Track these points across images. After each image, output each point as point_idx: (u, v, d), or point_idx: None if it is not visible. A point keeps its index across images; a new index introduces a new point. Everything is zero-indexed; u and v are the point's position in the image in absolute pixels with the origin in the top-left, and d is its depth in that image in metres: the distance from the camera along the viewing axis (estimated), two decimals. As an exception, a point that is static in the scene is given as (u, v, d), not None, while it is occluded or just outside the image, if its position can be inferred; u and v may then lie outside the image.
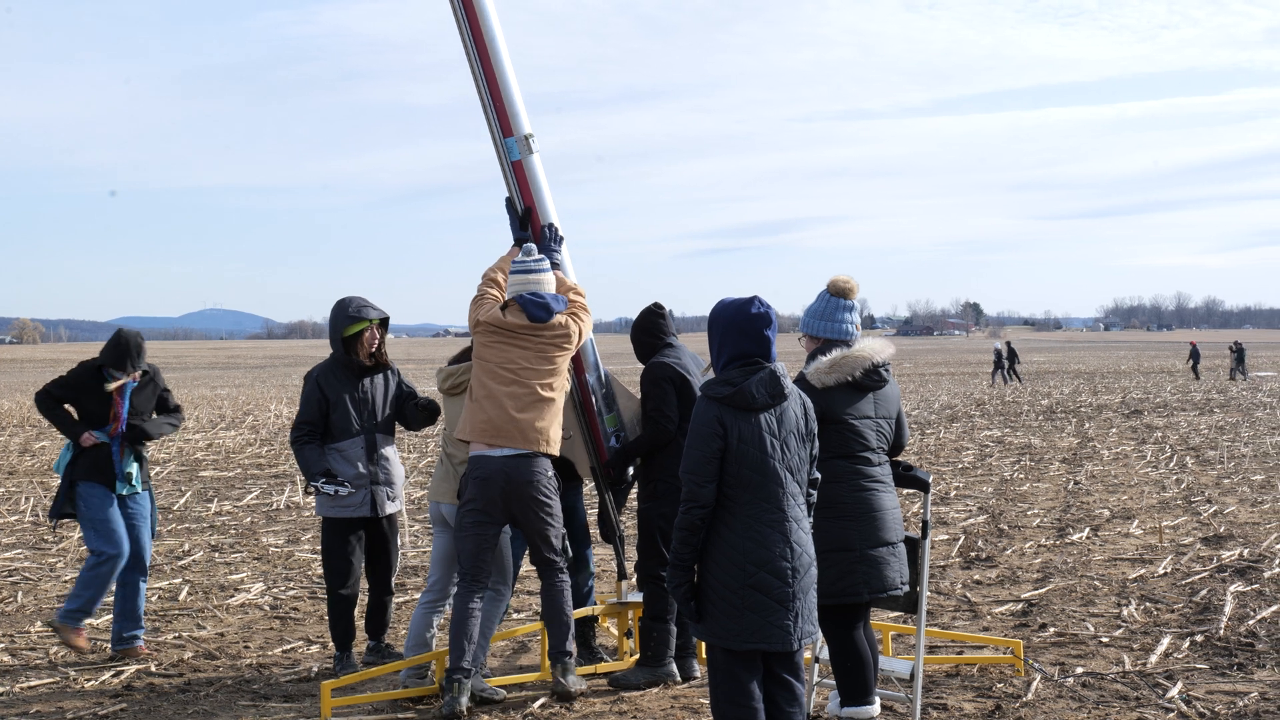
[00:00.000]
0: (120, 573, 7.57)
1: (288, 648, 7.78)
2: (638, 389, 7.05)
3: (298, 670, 7.24)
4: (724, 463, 4.81)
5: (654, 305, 7.18)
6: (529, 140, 6.86)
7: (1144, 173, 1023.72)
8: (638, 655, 6.93)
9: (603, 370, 7.11)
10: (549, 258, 6.75)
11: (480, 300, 6.63)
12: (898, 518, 5.82)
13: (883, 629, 7.16)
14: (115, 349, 7.51)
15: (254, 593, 9.35)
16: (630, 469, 7.11)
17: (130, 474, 7.53)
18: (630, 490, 7.35)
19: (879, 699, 5.98)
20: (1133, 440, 21.35)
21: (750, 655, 4.83)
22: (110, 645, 7.60)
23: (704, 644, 5.06)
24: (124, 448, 7.52)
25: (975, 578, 9.63)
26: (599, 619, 7.37)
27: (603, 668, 7.00)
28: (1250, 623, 7.92)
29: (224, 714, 6.44)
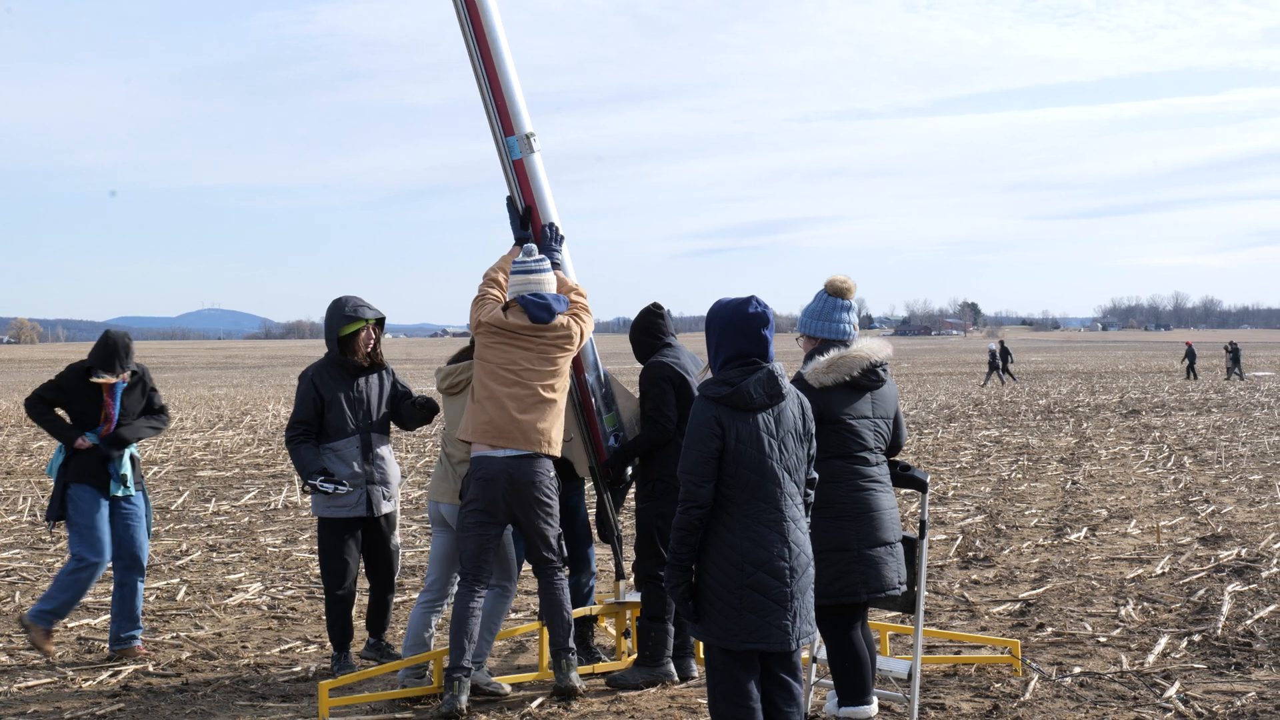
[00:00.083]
0: (118, 573, 7.56)
1: (285, 648, 7.78)
2: (636, 389, 7.05)
3: (295, 670, 7.24)
4: (722, 463, 4.81)
5: (653, 305, 7.18)
6: (530, 139, 6.86)
7: (1142, 173, 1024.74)
8: (636, 655, 6.93)
9: (602, 370, 7.11)
10: (550, 257, 6.74)
11: (481, 301, 6.62)
12: (895, 517, 5.82)
13: (880, 629, 7.16)
14: (104, 350, 7.49)
15: (251, 593, 9.35)
16: (628, 469, 7.11)
17: (125, 475, 7.51)
18: (628, 490, 7.35)
19: (877, 699, 5.98)
20: (1130, 440, 21.36)
21: (748, 655, 4.83)
22: (108, 645, 7.59)
23: (702, 644, 5.06)
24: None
25: (973, 577, 9.64)
26: (597, 619, 7.38)
27: (601, 667, 7.00)
28: (1248, 622, 7.93)
29: (222, 714, 6.44)
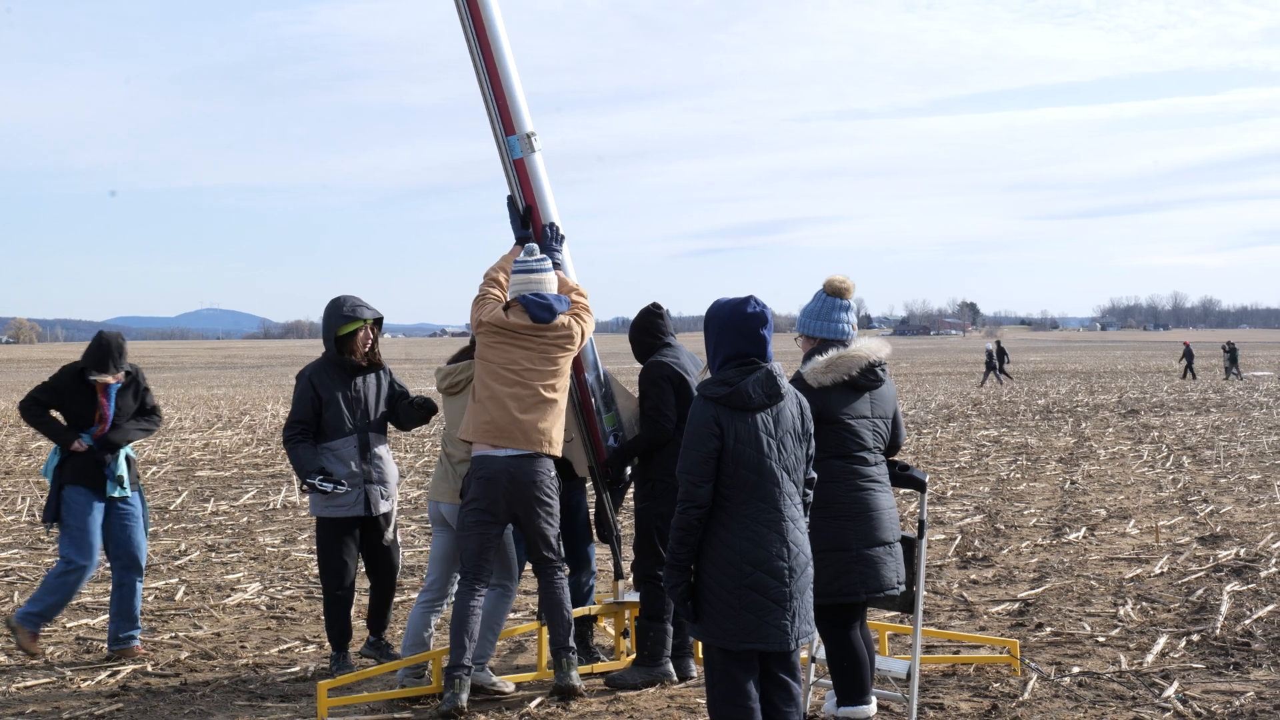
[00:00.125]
0: (116, 574, 7.56)
1: (284, 647, 7.77)
2: (635, 388, 7.05)
3: (294, 670, 7.24)
4: (720, 463, 4.81)
5: (652, 305, 7.18)
6: (531, 138, 6.85)
7: (1141, 173, 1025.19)
8: (634, 655, 6.93)
9: (602, 370, 7.10)
10: (550, 257, 6.73)
11: (482, 300, 6.61)
12: (894, 517, 5.82)
13: (879, 628, 7.16)
14: (97, 351, 7.46)
15: (250, 593, 9.35)
16: (627, 468, 7.11)
17: (121, 477, 7.50)
18: (627, 490, 7.35)
19: (875, 699, 5.98)
20: (1129, 440, 21.37)
21: (747, 655, 4.83)
22: (106, 645, 7.59)
23: (701, 644, 5.06)
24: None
25: (972, 577, 9.64)
26: (596, 619, 7.38)
27: (599, 667, 6.99)
28: (1246, 622, 7.93)
29: (220, 714, 6.43)
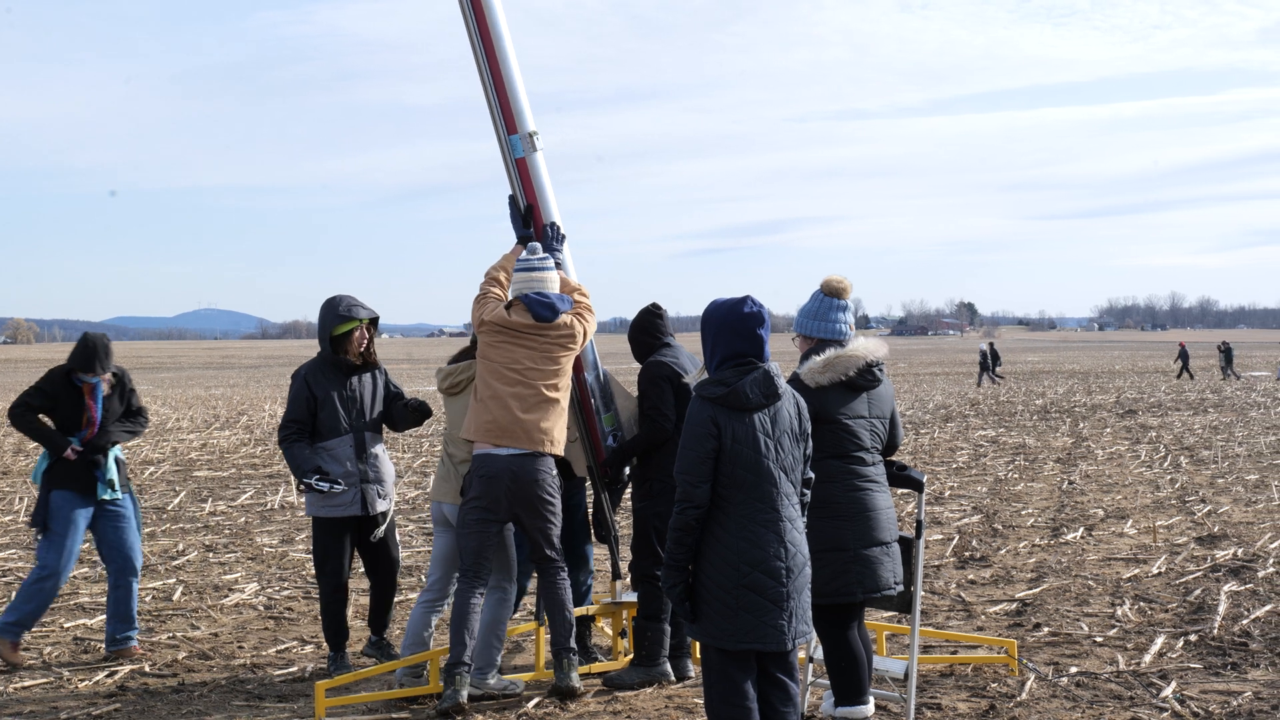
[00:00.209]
0: (111, 575, 7.55)
1: (282, 648, 7.77)
2: (634, 388, 7.05)
3: (292, 670, 7.24)
4: (718, 463, 4.81)
5: (652, 306, 7.19)
6: (533, 138, 6.84)
7: (1139, 173, 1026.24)
8: (632, 655, 6.93)
9: (601, 369, 7.10)
10: (551, 256, 6.73)
11: (483, 299, 6.60)
12: (892, 517, 5.82)
13: (877, 628, 7.16)
14: (83, 352, 7.43)
15: (248, 593, 9.34)
16: (626, 468, 7.11)
17: (111, 480, 7.47)
18: (625, 489, 7.35)
19: (873, 699, 5.98)
20: (1127, 440, 21.37)
21: (745, 655, 4.83)
22: (104, 646, 7.58)
23: (698, 644, 5.06)
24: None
25: (969, 577, 9.64)
26: (594, 619, 7.37)
27: (597, 667, 6.99)
28: (1244, 622, 7.93)
29: (218, 714, 6.43)
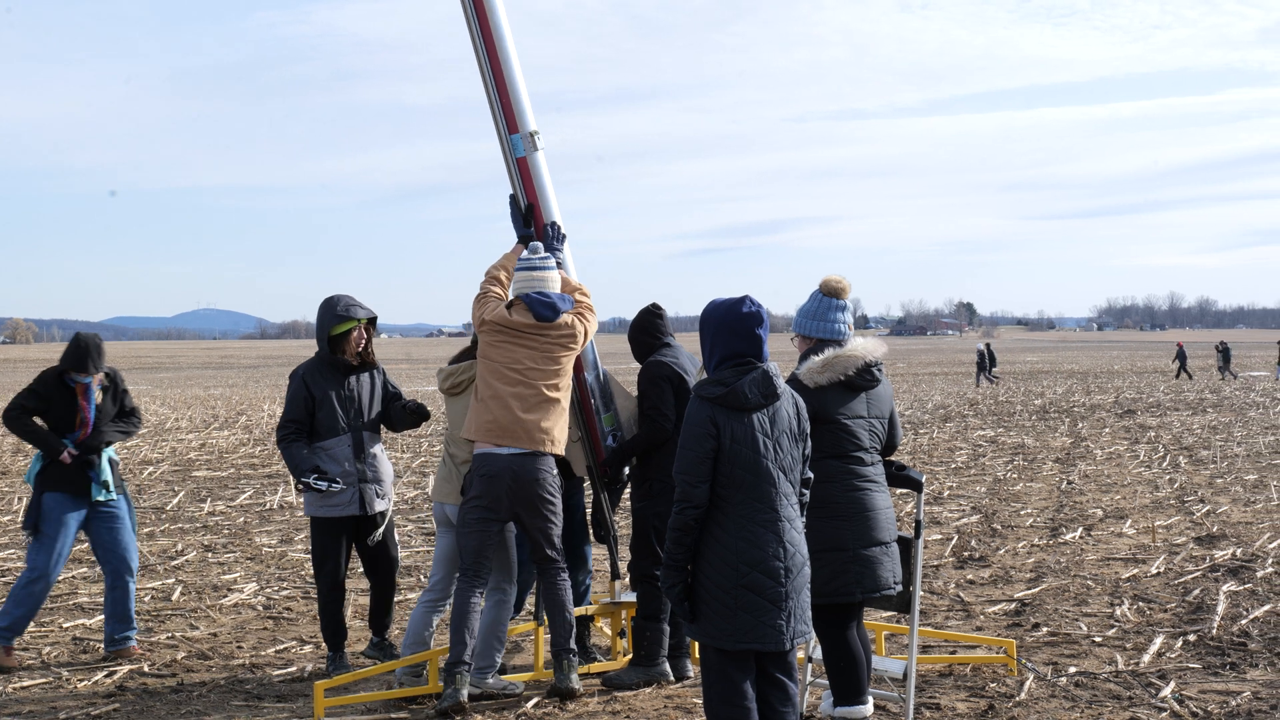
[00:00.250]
0: (108, 576, 7.54)
1: (281, 648, 7.77)
2: (634, 388, 7.05)
3: (291, 670, 7.23)
4: (717, 463, 4.81)
5: (652, 306, 7.19)
6: (534, 137, 6.84)
7: (1137, 173, 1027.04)
8: (631, 655, 6.93)
9: (601, 369, 7.10)
10: (551, 255, 6.73)
11: (484, 299, 6.59)
12: (891, 517, 5.82)
13: (876, 628, 7.17)
14: (75, 352, 7.41)
15: (247, 593, 9.34)
16: (625, 468, 7.11)
17: (106, 481, 7.46)
18: (625, 489, 7.34)
19: (872, 699, 5.98)
20: (1126, 440, 21.38)
21: (743, 655, 4.83)
22: (103, 646, 7.58)
23: (697, 644, 5.06)
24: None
25: (968, 577, 9.64)
26: (593, 619, 7.37)
27: (596, 667, 6.99)
28: (1243, 622, 7.93)
29: (217, 714, 6.43)
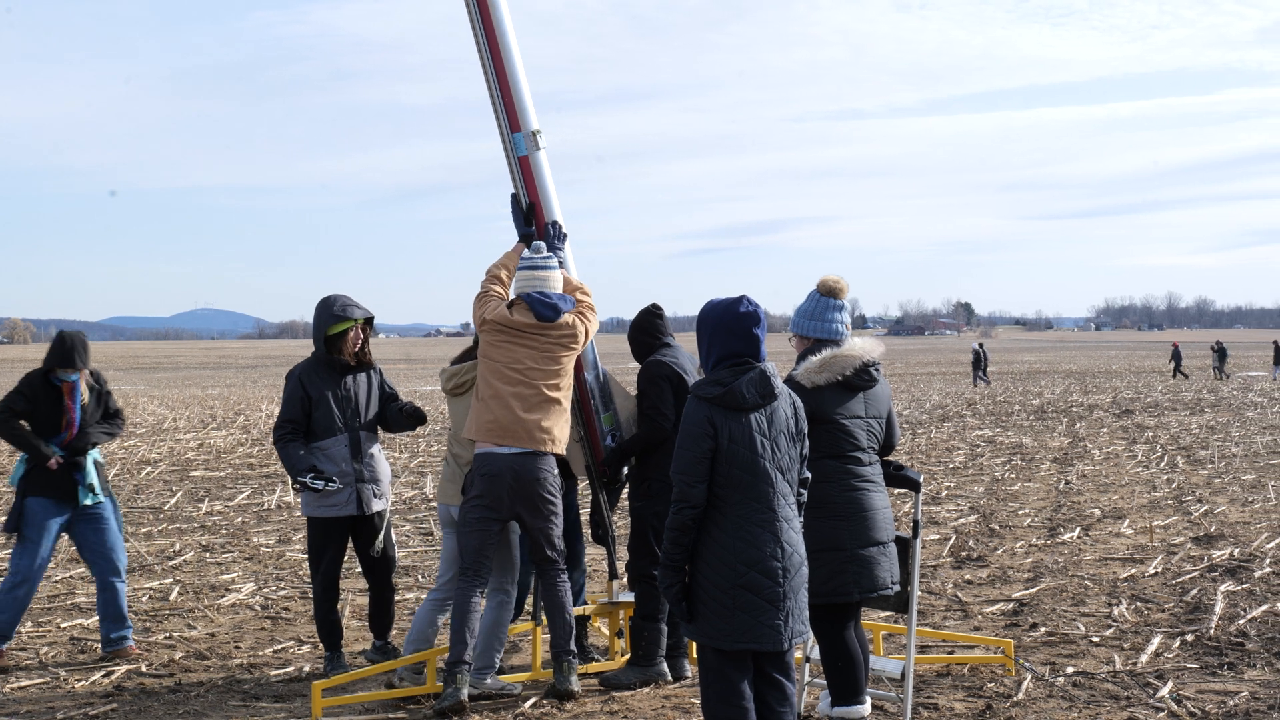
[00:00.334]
0: (98, 578, 7.54)
1: (279, 648, 7.76)
2: (634, 388, 7.05)
3: (288, 670, 7.23)
4: (715, 463, 4.80)
5: (652, 306, 7.20)
6: (536, 136, 6.84)
7: (1135, 173, 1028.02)
8: (629, 655, 6.93)
9: (601, 369, 7.10)
10: (554, 255, 6.73)
11: (485, 298, 6.58)
12: (888, 517, 5.82)
13: (874, 628, 7.17)
14: (61, 349, 7.41)
15: (245, 593, 9.34)
16: (624, 468, 7.10)
17: (92, 484, 7.44)
18: (623, 489, 7.34)
19: (870, 698, 5.98)
20: (1124, 440, 21.39)
21: (741, 655, 4.83)
22: (100, 646, 7.57)
23: (695, 643, 5.06)
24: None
25: (966, 577, 9.64)
26: (590, 618, 7.37)
27: (594, 667, 6.98)
28: (1240, 622, 7.94)
29: (215, 714, 6.43)
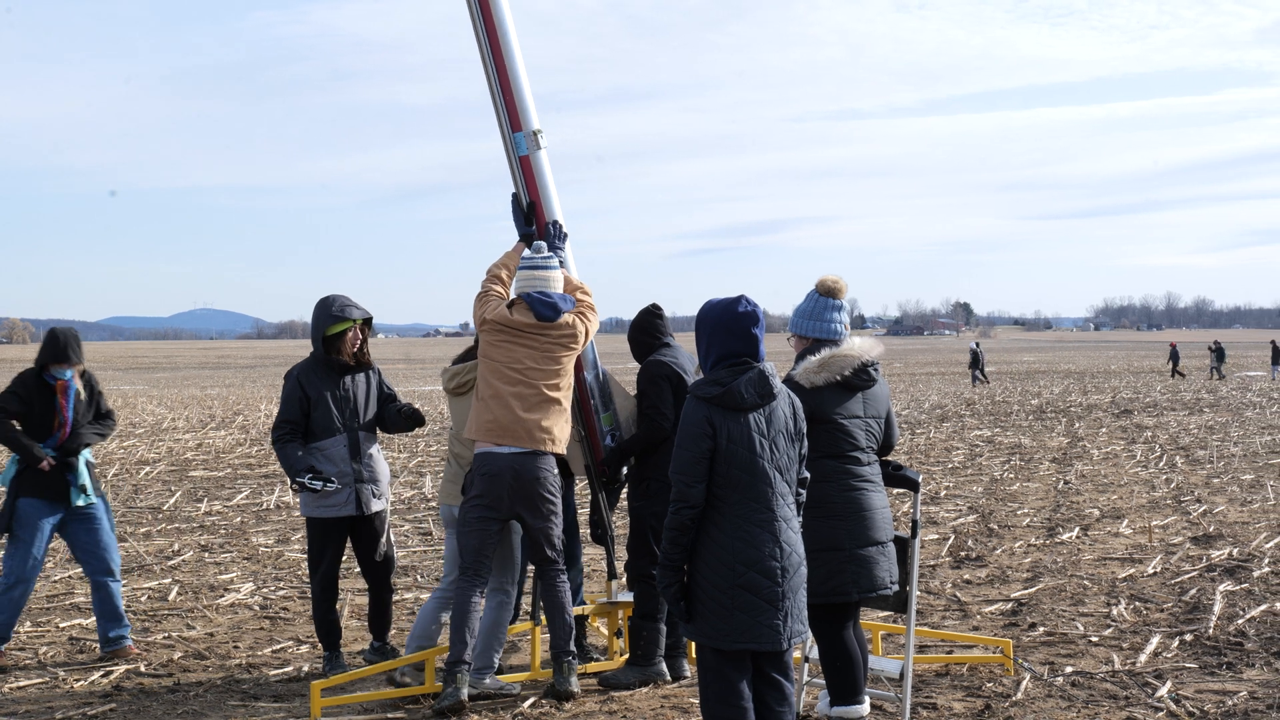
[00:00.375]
0: (92, 578, 7.55)
1: (277, 648, 7.76)
2: (633, 388, 7.05)
3: (287, 670, 7.23)
4: (713, 463, 4.80)
5: (652, 306, 7.20)
6: (537, 136, 6.84)
7: (1134, 173, 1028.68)
8: (628, 654, 6.93)
9: (601, 369, 7.10)
10: (555, 255, 6.73)
11: (485, 298, 6.58)
12: (887, 517, 5.82)
13: (872, 628, 7.17)
14: (54, 345, 7.41)
15: (244, 593, 9.34)
16: (624, 468, 7.10)
17: (84, 485, 7.44)
18: (623, 489, 7.34)
19: (868, 698, 5.98)
20: (1122, 440, 21.39)
21: (740, 655, 4.83)
22: (99, 646, 7.57)
23: (694, 643, 5.06)
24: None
25: (965, 577, 9.64)
26: (589, 618, 7.37)
27: (593, 667, 6.98)
28: (1239, 622, 7.94)
29: (213, 714, 6.42)
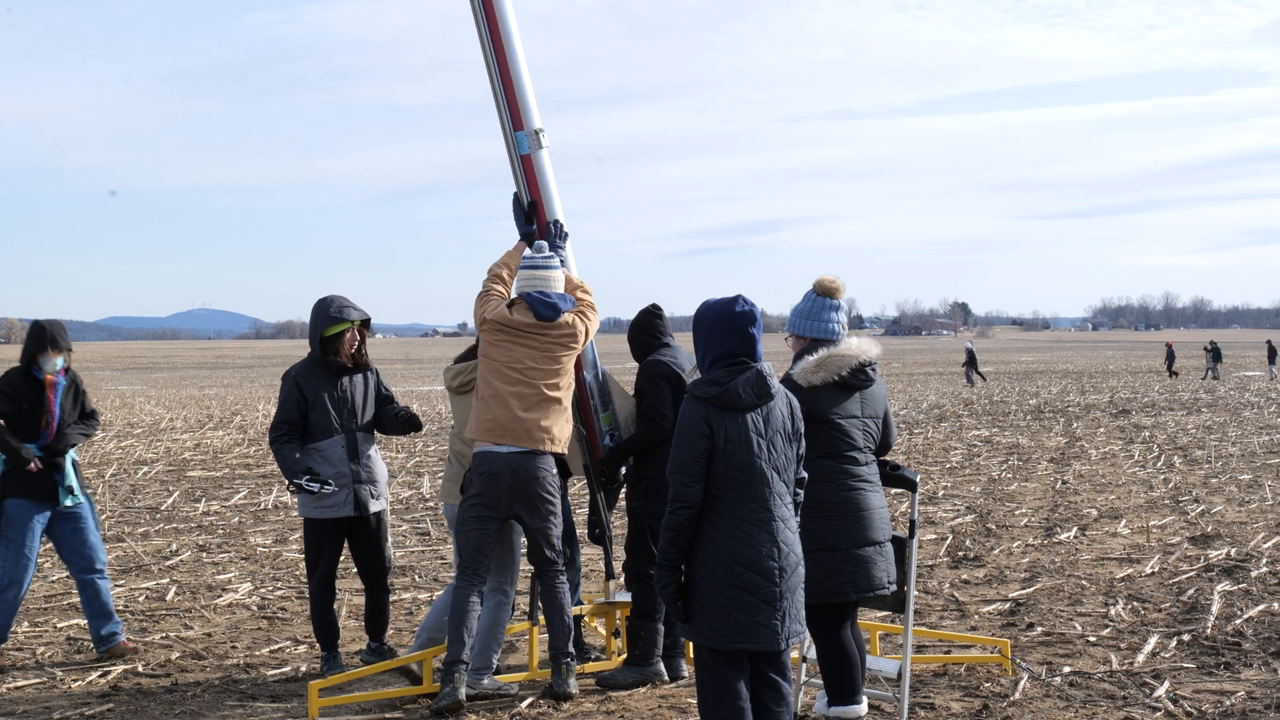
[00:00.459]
0: (78, 577, 7.54)
1: (275, 648, 7.76)
2: (632, 388, 7.05)
3: (285, 670, 7.23)
4: (711, 463, 4.80)
5: (651, 306, 7.20)
6: (539, 135, 6.83)
7: (1132, 173, 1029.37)
8: (625, 654, 6.93)
9: (600, 368, 7.10)
10: (556, 255, 6.73)
11: (485, 297, 6.58)
12: (885, 517, 5.82)
13: (870, 628, 7.17)
14: (39, 336, 7.40)
15: (241, 593, 9.33)
16: (622, 468, 7.10)
17: (71, 486, 7.43)
18: (621, 489, 7.34)
19: (866, 698, 5.98)
20: (1120, 440, 21.40)
21: (737, 655, 4.83)
22: (94, 647, 7.56)
23: (691, 643, 5.06)
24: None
25: (963, 577, 9.65)
26: (587, 618, 7.37)
27: (591, 667, 6.98)
28: (1237, 622, 7.94)
29: (211, 714, 6.42)
